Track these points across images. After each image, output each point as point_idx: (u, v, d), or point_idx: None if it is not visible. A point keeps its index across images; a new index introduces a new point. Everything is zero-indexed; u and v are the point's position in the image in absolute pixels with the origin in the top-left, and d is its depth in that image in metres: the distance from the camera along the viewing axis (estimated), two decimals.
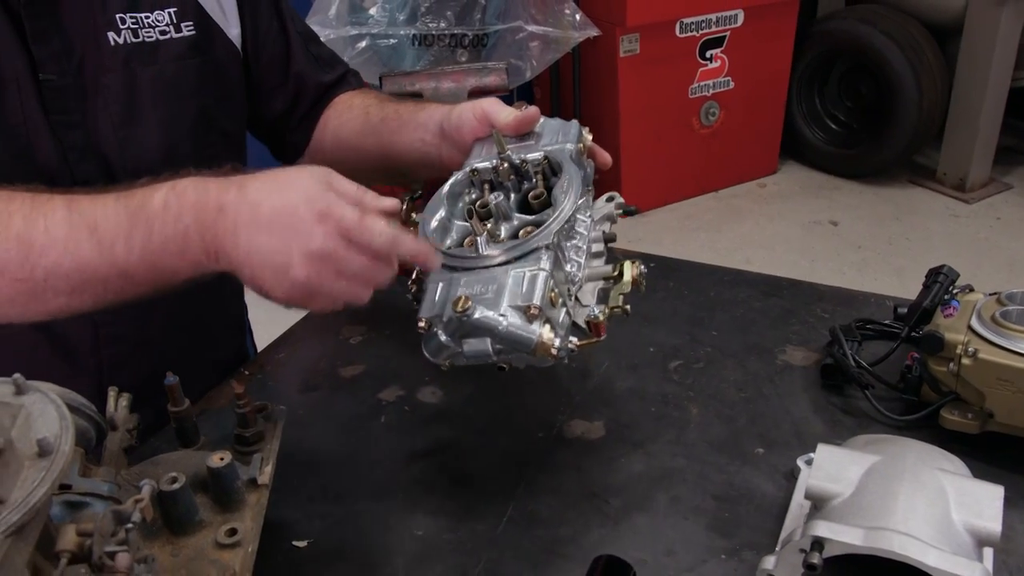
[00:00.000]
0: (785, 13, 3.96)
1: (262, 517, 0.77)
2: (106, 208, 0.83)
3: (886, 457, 0.75)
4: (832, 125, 4.29)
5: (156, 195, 0.83)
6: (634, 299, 1.29)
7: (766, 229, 3.89)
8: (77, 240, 0.82)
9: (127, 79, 1.03)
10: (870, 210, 4.00)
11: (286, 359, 1.22)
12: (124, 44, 1.03)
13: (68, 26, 0.99)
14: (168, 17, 1.06)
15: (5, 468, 0.50)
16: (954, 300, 1.02)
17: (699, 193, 4.18)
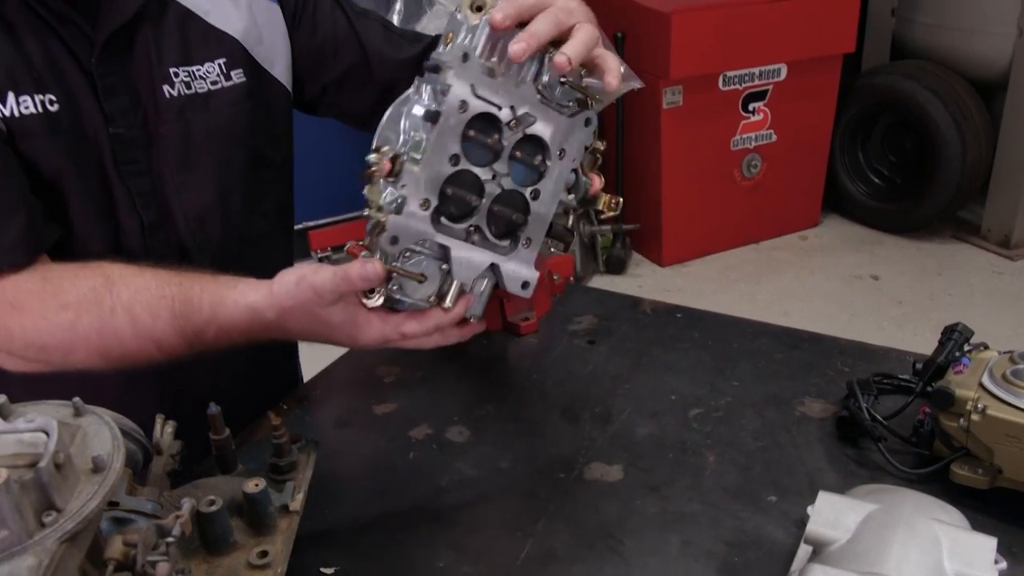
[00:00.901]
0: (829, 68, 4.01)
1: (292, 542, 0.82)
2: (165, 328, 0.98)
3: (884, 506, 0.78)
4: (875, 179, 4.30)
5: (208, 331, 0.98)
6: (658, 347, 1.34)
7: (806, 282, 3.89)
8: (148, 352, 1.00)
9: (182, 128, 1.12)
10: (912, 265, 3.99)
11: (323, 395, 1.28)
12: (178, 96, 1.12)
13: (131, 82, 1.08)
14: (218, 68, 1.14)
15: (63, 481, 0.57)
16: (964, 357, 1.05)
17: (740, 244, 4.21)
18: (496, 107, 0.88)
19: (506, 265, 0.94)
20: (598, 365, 1.30)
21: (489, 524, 1.01)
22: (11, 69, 1.02)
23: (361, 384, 1.30)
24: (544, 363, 1.32)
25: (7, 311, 1.00)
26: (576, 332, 1.39)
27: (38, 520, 0.55)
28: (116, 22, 1.06)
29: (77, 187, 1.08)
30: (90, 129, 1.07)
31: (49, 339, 0.99)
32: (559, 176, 0.93)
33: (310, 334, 0.96)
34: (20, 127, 1.03)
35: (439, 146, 0.87)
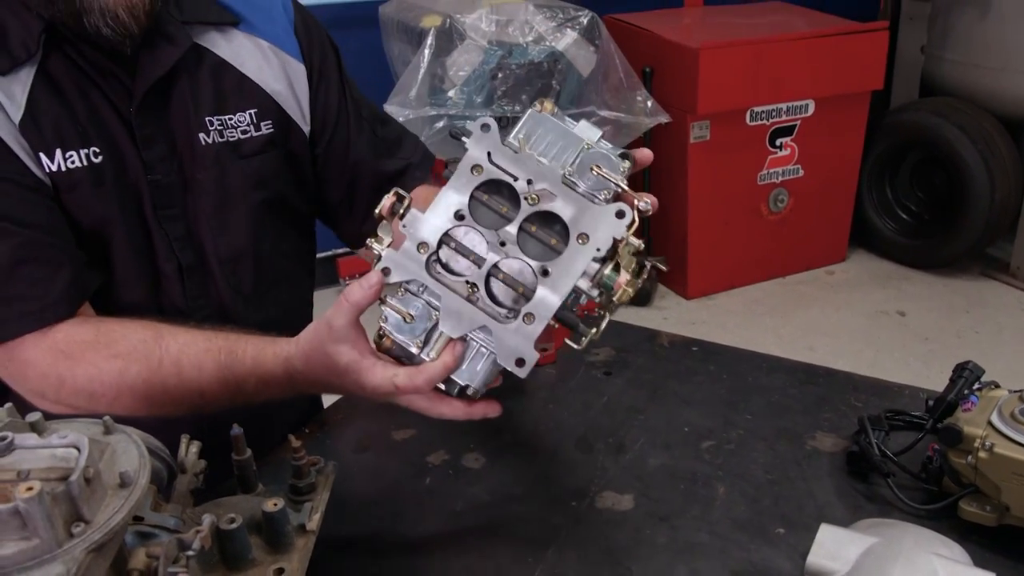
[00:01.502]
0: (857, 104, 4.01)
1: (307, 560, 0.85)
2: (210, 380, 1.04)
3: (884, 539, 0.80)
4: (903, 215, 4.29)
5: (248, 382, 1.03)
6: (673, 380, 1.36)
7: (831, 317, 3.88)
8: (192, 402, 1.06)
9: (217, 175, 1.18)
10: (939, 302, 3.96)
11: (344, 420, 1.32)
12: (213, 144, 1.17)
13: (169, 131, 1.14)
14: (249, 118, 1.19)
15: (92, 494, 0.60)
16: (973, 395, 1.06)
17: (766, 278, 4.20)
18: (512, 176, 0.89)
19: (501, 333, 0.88)
20: (613, 396, 1.33)
21: (502, 549, 1.04)
22: (58, 125, 1.08)
23: (381, 410, 1.32)
24: (560, 393, 1.35)
25: (59, 359, 1.04)
26: (593, 363, 1.42)
27: (67, 530, 0.59)
28: (154, 74, 1.11)
29: (120, 234, 1.13)
30: (132, 177, 1.13)
31: (99, 387, 1.04)
32: (578, 261, 0.88)
33: (325, 380, 0.97)
34: (66, 181, 1.09)
35: (444, 197, 0.89)
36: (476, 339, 0.90)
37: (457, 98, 3.23)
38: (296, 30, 1.26)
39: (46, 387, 1.05)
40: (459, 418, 0.95)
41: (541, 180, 0.89)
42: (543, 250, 0.89)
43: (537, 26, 3.27)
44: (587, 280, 0.88)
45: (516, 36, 3.25)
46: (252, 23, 1.22)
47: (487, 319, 0.89)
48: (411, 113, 3.12)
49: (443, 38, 3.17)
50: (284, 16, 1.26)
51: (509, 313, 0.89)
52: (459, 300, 0.89)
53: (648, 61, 3.68)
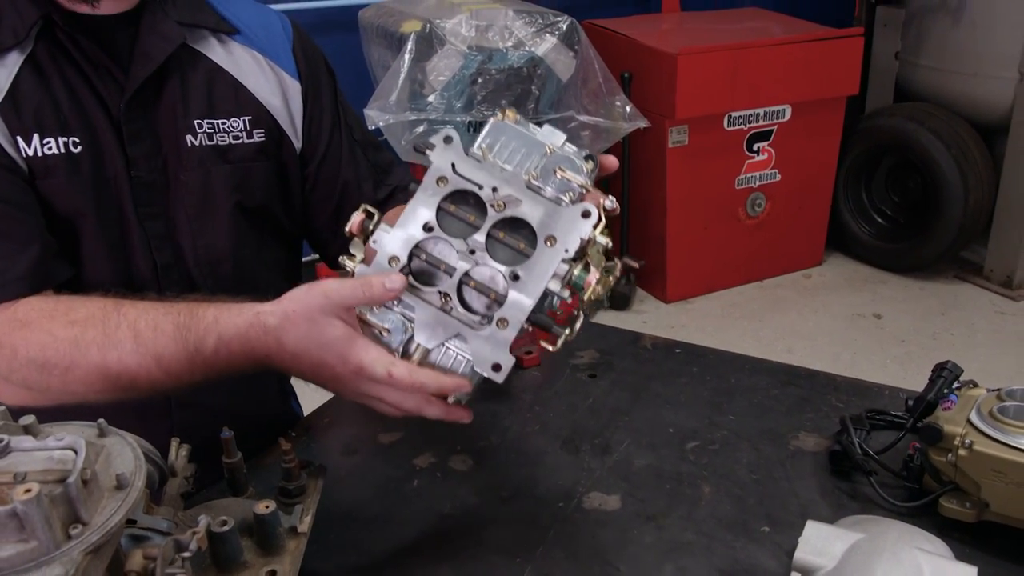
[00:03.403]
0: (833, 109, 4.06)
1: (299, 562, 0.86)
2: (168, 343, 0.98)
3: (869, 535, 0.81)
4: (878, 219, 4.34)
5: (208, 340, 0.97)
6: (657, 382, 1.37)
7: (809, 320, 3.92)
8: (148, 369, 0.99)
9: (202, 176, 1.18)
10: (915, 304, 4.01)
11: (331, 424, 1.32)
12: (200, 146, 1.18)
13: (155, 129, 1.14)
14: (242, 124, 1.20)
15: (90, 496, 0.60)
16: (952, 394, 1.08)
17: (744, 282, 4.24)
18: (476, 185, 0.90)
19: (476, 340, 0.90)
20: (598, 398, 1.34)
21: (490, 550, 1.04)
22: (38, 112, 1.09)
23: (367, 413, 1.32)
24: (546, 396, 1.35)
25: (15, 329, 1.03)
26: (578, 366, 1.43)
27: (65, 532, 0.59)
28: (147, 70, 1.12)
29: (92, 227, 1.13)
30: (110, 172, 1.13)
31: (52, 354, 1.00)
32: (548, 264, 0.89)
33: (296, 348, 0.93)
34: (42, 166, 1.09)
35: (412, 211, 0.90)
36: (452, 347, 0.90)
37: (437, 103, 3.23)
38: (294, 50, 1.28)
39: (0, 360, 1.03)
40: (434, 417, 0.95)
41: (506, 186, 0.90)
42: (512, 255, 0.90)
43: (517, 31, 3.29)
44: (557, 281, 0.90)
45: (496, 41, 3.26)
46: (251, 37, 1.24)
47: (461, 327, 0.90)
48: (391, 118, 3.12)
49: (423, 43, 3.17)
50: (283, 36, 1.28)
51: (483, 319, 0.90)
52: (433, 310, 0.90)
53: (627, 66, 3.70)
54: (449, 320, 0.90)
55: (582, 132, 3.45)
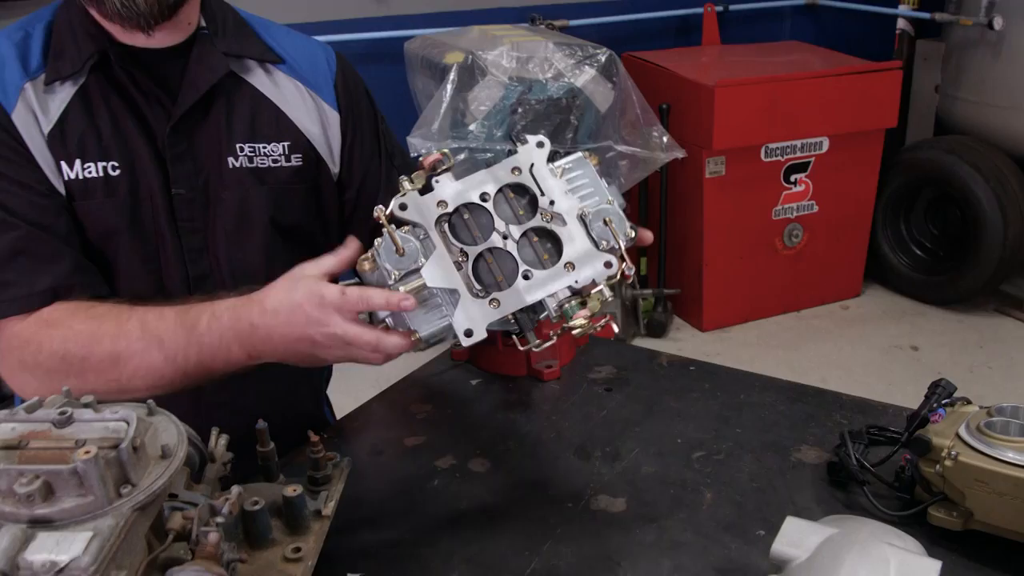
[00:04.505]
0: (871, 142, 4.08)
1: (322, 541, 0.95)
2: (169, 326, 1.11)
3: (843, 530, 0.87)
4: (917, 251, 4.34)
5: (202, 318, 1.10)
6: (670, 397, 1.44)
7: (844, 350, 3.93)
8: (149, 355, 1.11)
9: (240, 195, 1.28)
10: (953, 337, 4.01)
11: (360, 427, 1.41)
12: (240, 168, 1.28)
13: (199, 151, 1.26)
14: (282, 148, 1.31)
15: (139, 462, 0.70)
16: (940, 408, 1.14)
17: (781, 312, 4.26)
18: (540, 191, 1.02)
19: (467, 303, 0.99)
20: (612, 410, 1.41)
21: (501, 543, 1.12)
22: (82, 139, 1.21)
23: (395, 419, 1.42)
24: (563, 407, 1.43)
25: (41, 328, 1.15)
26: (595, 380, 1.50)
27: (116, 491, 0.69)
28: (191, 98, 1.24)
29: (128, 241, 1.25)
30: (146, 191, 1.25)
31: (72, 346, 1.12)
32: (556, 282, 1.00)
33: (279, 303, 1.04)
34: (80, 188, 1.21)
35: (479, 177, 1.02)
36: (443, 300, 1.01)
37: (478, 131, 3.34)
38: (336, 83, 1.38)
39: (26, 354, 1.14)
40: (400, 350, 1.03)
41: (563, 204, 1.02)
42: (533, 259, 1.01)
43: (556, 63, 3.39)
44: (555, 300, 1.01)
45: (536, 72, 3.36)
46: (295, 67, 1.35)
47: (461, 286, 1.00)
48: (433, 146, 3.23)
49: (465, 74, 3.29)
50: (327, 69, 1.38)
51: (481, 292, 1.00)
52: (448, 259, 1.00)
53: (665, 98, 3.79)
54: (455, 274, 1.00)
55: (620, 162, 3.53)
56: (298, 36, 1.41)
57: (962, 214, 4.06)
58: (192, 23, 1.26)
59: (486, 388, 1.50)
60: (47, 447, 0.69)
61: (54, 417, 0.71)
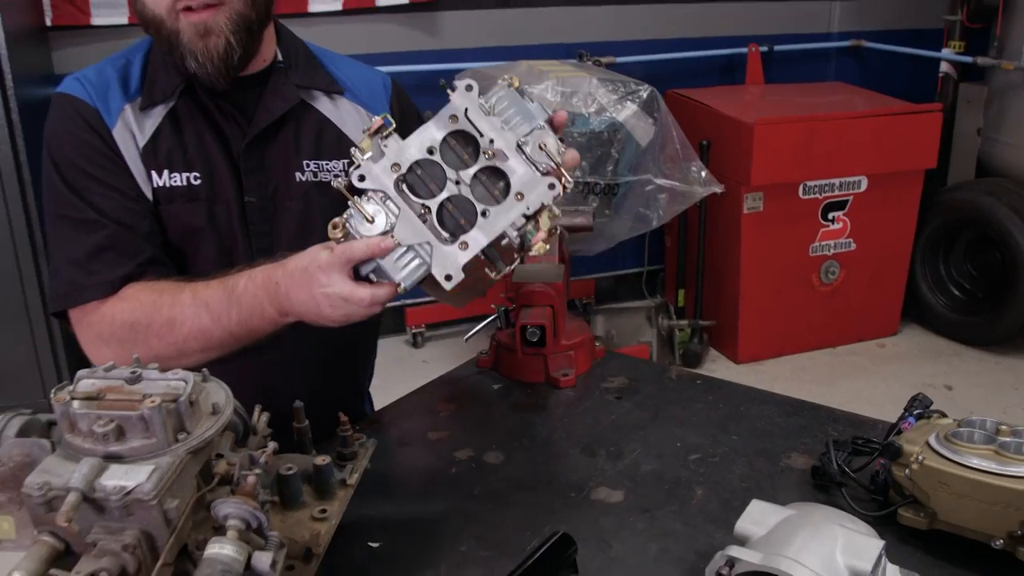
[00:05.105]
0: (910, 182, 4.14)
1: (345, 507, 1.08)
2: (214, 292, 1.28)
3: (802, 512, 0.99)
4: (956, 292, 4.37)
5: (240, 281, 1.27)
6: (675, 406, 1.56)
7: (878, 387, 3.98)
8: (199, 318, 1.28)
9: (304, 205, 1.46)
10: (989, 378, 4.03)
11: (390, 421, 1.55)
12: (306, 181, 1.46)
13: (269, 165, 1.44)
14: (342, 165, 1.48)
15: (193, 414, 0.85)
16: (911, 417, 1.24)
17: (816, 348, 4.31)
18: (479, 133, 1.13)
19: (439, 251, 1.12)
20: (621, 415, 1.53)
21: (507, 524, 1.25)
22: (170, 153, 1.40)
23: (422, 415, 1.56)
24: (575, 411, 1.56)
25: (114, 302, 1.34)
26: (607, 389, 1.63)
27: (174, 436, 0.83)
28: (265, 121, 1.42)
29: (205, 241, 1.43)
30: (222, 198, 1.43)
31: (139, 315, 1.31)
32: (511, 213, 1.12)
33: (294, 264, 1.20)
34: (167, 195, 1.41)
35: (422, 134, 1.13)
36: (417, 249, 1.13)
37: None
38: (391, 104, 1.56)
39: (103, 326, 1.33)
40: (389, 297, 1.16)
41: (500, 141, 1.13)
42: (487, 197, 1.14)
43: (600, 98, 3.54)
44: (513, 229, 1.13)
45: (580, 106, 3.51)
46: (356, 93, 1.54)
47: (431, 236, 1.12)
48: None
49: None
50: (383, 92, 1.57)
51: (450, 238, 1.12)
52: (414, 216, 1.12)
53: (706, 134, 3.90)
54: (423, 228, 1.12)
55: (659, 195, 3.65)
56: (359, 65, 1.61)
57: (1001, 256, 4.10)
58: (267, 59, 1.46)
59: (506, 392, 1.63)
60: (120, 399, 0.84)
61: (126, 375, 0.86)
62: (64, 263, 1.37)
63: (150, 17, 1.33)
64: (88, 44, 3.69)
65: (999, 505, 1.08)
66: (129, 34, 3.67)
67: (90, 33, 3.69)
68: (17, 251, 3.20)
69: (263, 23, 1.39)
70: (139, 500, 0.78)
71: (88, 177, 1.36)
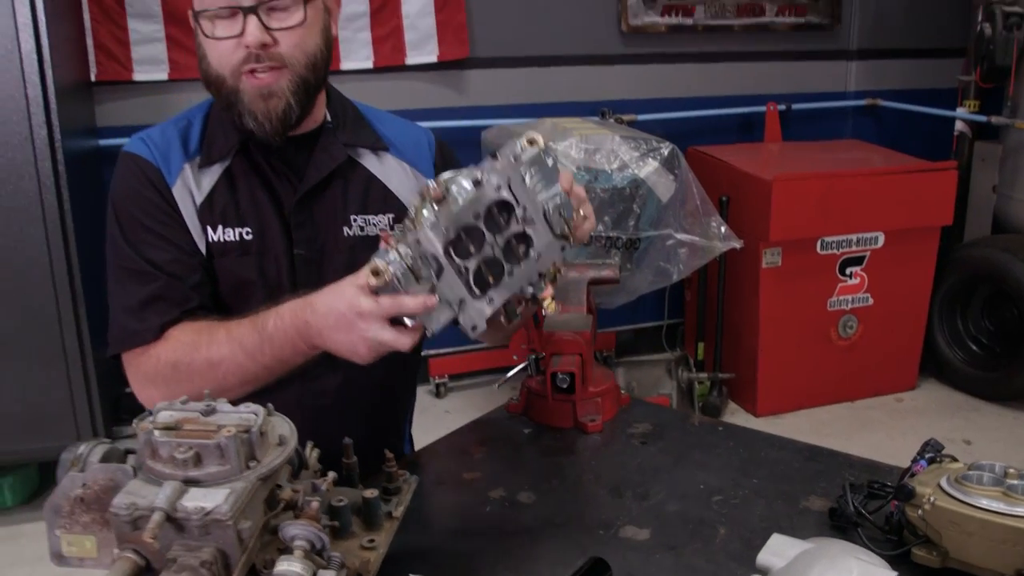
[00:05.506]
0: (927, 238, 4.21)
1: (391, 538, 1.16)
2: (246, 330, 1.38)
3: (819, 545, 1.05)
4: (973, 347, 4.40)
5: (269, 320, 1.36)
6: (698, 451, 1.63)
7: (896, 441, 4.01)
8: (235, 356, 1.38)
9: (350, 258, 1.54)
10: (1007, 433, 4.05)
11: (427, 461, 1.63)
12: (353, 235, 1.56)
13: (318, 220, 1.54)
14: (387, 220, 1.58)
15: (262, 444, 0.94)
16: (922, 460, 1.31)
17: (834, 401, 4.34)
18: (516, 202, 1.24)
19: (471, 305, 1.22)
20: (646, 459, 1.60)
21: (539, 559, 1.31)
22: (225, 209, 1.51)
23: (456, 457, 1.64)
24: (602, 455, 1.63)
25: (160, 344, 1.44)
26: (633, 434, 1.70)
27: (246, 463, 0.92)
28: (315, 178, 1.53)
29: (256, 291, 1.53)
30: (272, 252, 1.53)
31: (181, 355, 1.41)
32: (529, 271, 1.26)
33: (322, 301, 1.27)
34: (220, 249, 1.51)
35: (474, 203, 1.22)
36: (451, 302, 1.23)
37: None
38: (435, 163, 1.66)
39: (148, 366, 1.43)
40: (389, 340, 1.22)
41: (532, 209, 1.25)
42: (511, 256, 1.26)
43: (622, 155, 3.64)
44: (529, 284, 1.28)
45: (602, 163, 3.62)
46: (401, 150, 1.64)
47: (466, 293, 1.23)
48: None
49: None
50: (428, 150, 1.67)
51: (479, 294, 1.23)
52: (454, 275, 1.22)
53: (726, 190, 4.00)
54: (461, 286, 1.22)
55: (679, 249, 3.74)
56: (404, 122, 1.72)
57: (1018, 311, 4.15)
58: (318, 120, 1.57)
59: (536, 436, 1.70)
60: (196, 429, 0.92)
61: (201, 408, 0.95)
62: (120, 310, 1.48)
63: (214, 77, 1.45)
64: (129, 99, 3.86)
65: (1008, 543, 1.14)
66: (169, 90, 3.85)
67: (131, 88, 3.85)
68: (58, 296, 3.32)
69: (319, 86, 1.51)
70: (217, 520, 0.86)
71: (146, 231, 1.47)
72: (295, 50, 1.43)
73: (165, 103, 3.85)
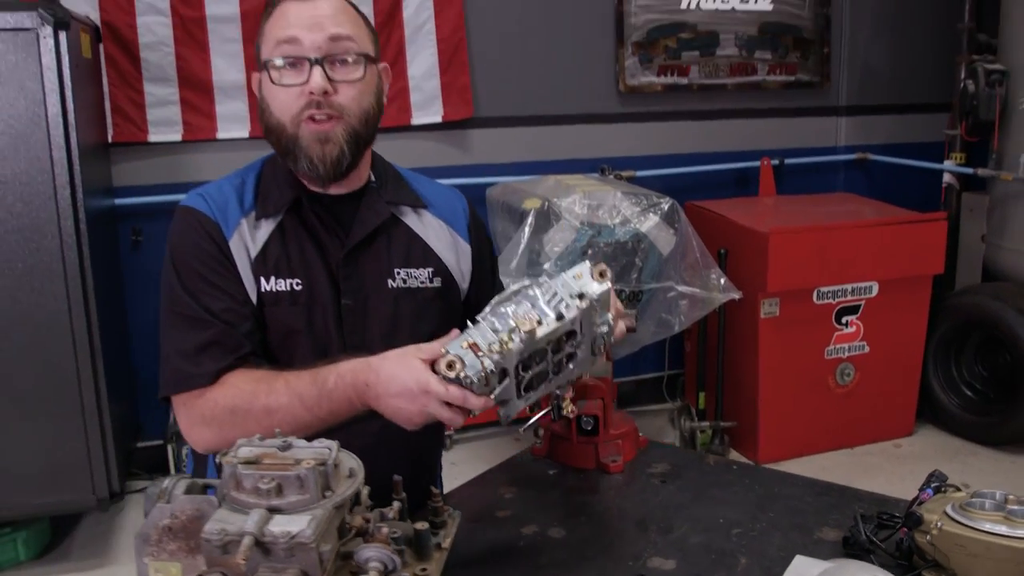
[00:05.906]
0: (919, 287, 4.33)
1: (441, 568, 1.24)
2: (306, 385, 1.46)
3: (839, 565, 1.15)
4: (968, 392, 4.50)
5: (330, 378, 1.44)
6: (715, 488, 1.72)
7: (896, 485, 4.07)
8: (293, 407, 1.46)
9: (394, 310, 1.66)
10: (1004, 477, 4.13)
11: (460, 502, 1.70)
12: (396, 288, 1.67)
13: (364, 273, 1.65)
14: (427, 274, 1.69)
15: (335, 476, 1.03)
16: (928, 488, 1.41)
17: (834, 448, 4.41)
18: (581, 332, 1.37)
19: (513, 402, 1.33)
20: (667, 496, 1.70)
21: None
22: (277, 262, 1.62)
23: (487, 496, 1.73)
24: (625, 493, 1.72)
25: (217, 388, 1.52)
26: (652, 474, 1.79)
27: (322, 493, 1.01)
28: (361, 233, 1.64)
29: (304, 340, 1.63)
30: (320, 302, 1.63)
31: (239, 401, 1.49)
32: (564, 379, 1.39)
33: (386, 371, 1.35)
34: (272, 299, 1.61)
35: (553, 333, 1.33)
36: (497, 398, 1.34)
37: (551, 270, 3.71)
38: (469, 224, 1.80)
39: (205, 409, 1.51)
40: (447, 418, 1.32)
41: (584, 340, 1.38)
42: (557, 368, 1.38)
43: (624, 210, 3.77)
44: (558, 388, 1.42)
45: (605, 218, 3.75)
46: (439, 208, 1.77)
47: (514, 395, 1.34)
48: (510, 281, 3.61)
49: (541, 218, 3.69)
50: (463, 213, 1.80)
51: (525, 393, 1.35)
52: (512, 382, 1.32)
53: (724, 243, 4.12)
54: (512, 389, 1.33)
55: (680, 301, 3.85)
56: (439, 185, 1.85)
57: (1010, 357, 4.25)
58: (363, 179, 1.69)
59: (562, 477, 1.80)
60: (275, 462, 1.02)
61: (279, 443, 1.05)
62: (174, 354, 1.57)
63: (275, 124, 1.57)
64: (144, 159, 4.00)
65: (1010, 564, 1.24)
66: (182, 151, 3.99)
67: (146, 149, 3.99)
68: (77, 352, 3.39)
69: (369, 142, 1.64)
70: (301, 543, 0.95)
71: (203, 280, 1.58)
72: (352, 103, 1.57)
73: (178, 163, 4.00)
